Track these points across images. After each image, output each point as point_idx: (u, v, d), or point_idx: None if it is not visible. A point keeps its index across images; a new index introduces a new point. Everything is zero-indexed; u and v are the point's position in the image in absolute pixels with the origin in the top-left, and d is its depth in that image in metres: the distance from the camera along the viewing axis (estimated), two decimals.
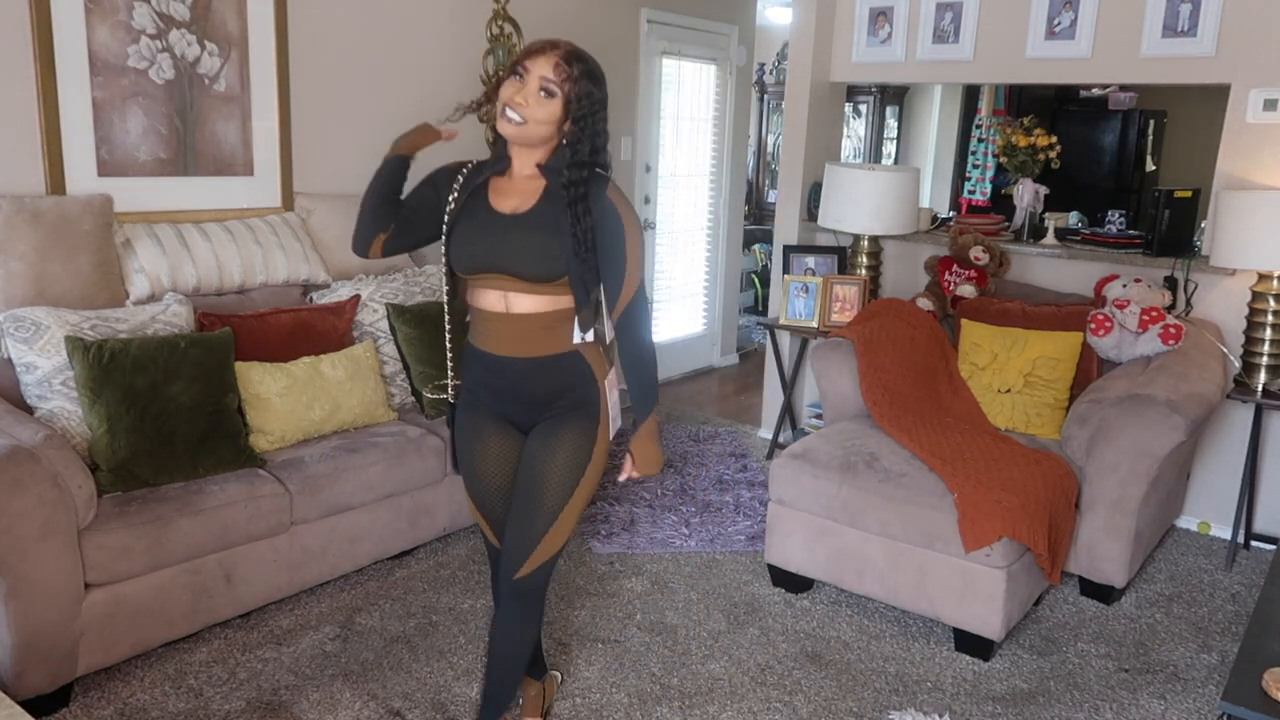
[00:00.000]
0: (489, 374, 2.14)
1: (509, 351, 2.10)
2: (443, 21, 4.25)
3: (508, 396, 2.15)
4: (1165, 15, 3.74)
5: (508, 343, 2.09)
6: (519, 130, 1.99)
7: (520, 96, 1.96)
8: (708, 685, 2.74)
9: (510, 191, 2.07)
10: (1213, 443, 3.83)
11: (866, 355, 3.60)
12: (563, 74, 1.96)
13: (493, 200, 2.07)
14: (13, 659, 2.34)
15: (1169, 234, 3.80)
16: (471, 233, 2.05)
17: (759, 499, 4.03)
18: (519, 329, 2.07)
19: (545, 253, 2.01)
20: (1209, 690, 2.79)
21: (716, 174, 6.06)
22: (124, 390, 2.70)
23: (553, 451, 2.11)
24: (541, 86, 1.96)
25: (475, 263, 2.05)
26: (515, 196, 2.06)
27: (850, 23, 4.57)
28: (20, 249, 2.85)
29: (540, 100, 1.97)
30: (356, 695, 2.61)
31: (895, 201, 4.06)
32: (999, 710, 2.67)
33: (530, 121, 1.97)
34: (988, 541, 2.78)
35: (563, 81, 1.96)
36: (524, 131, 1.99)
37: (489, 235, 2.03)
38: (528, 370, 2.10)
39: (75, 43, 3.08)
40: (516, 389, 2.13)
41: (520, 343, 2.09)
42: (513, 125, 1.98)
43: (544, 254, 2.01)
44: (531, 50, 2.00)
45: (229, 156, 3.55)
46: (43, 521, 2.33)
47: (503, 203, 2.06)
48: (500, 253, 2.02)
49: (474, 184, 2.08)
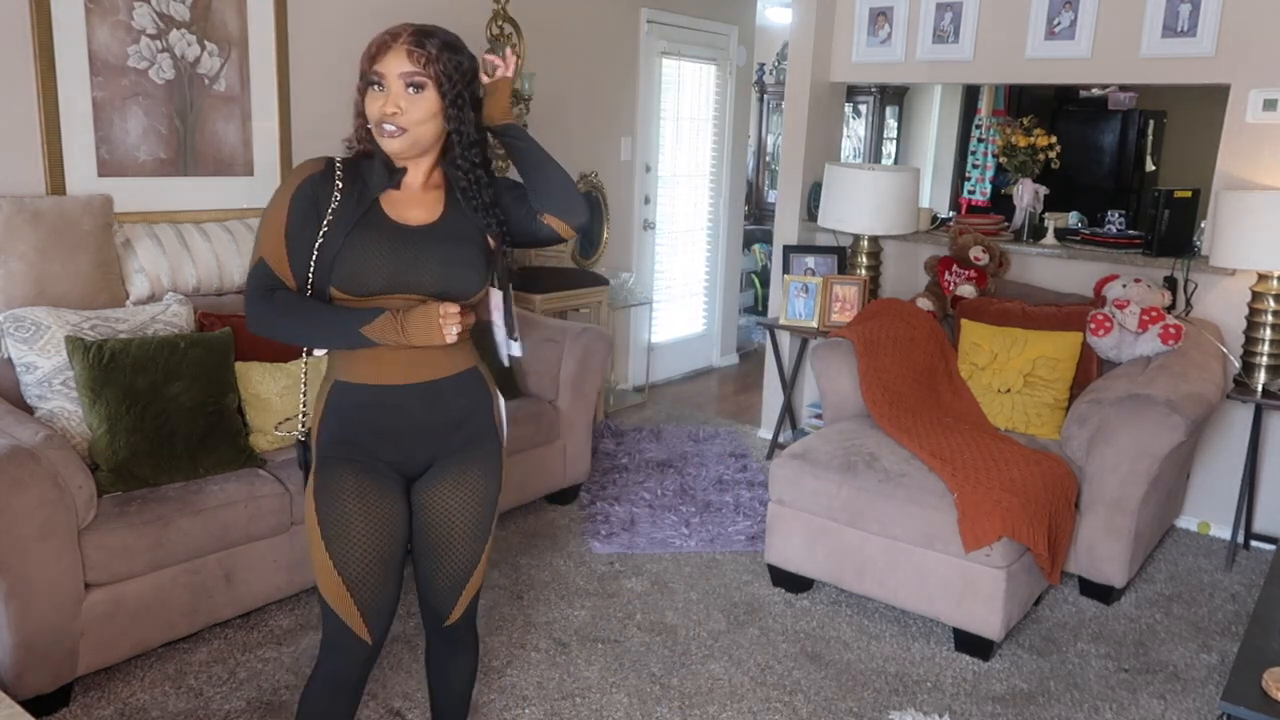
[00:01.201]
0: (377, 412, 1.83)
1: (406, 378, 1.82)
2: (443, 22, 4.24)
3: (400, 437, 1.85)
4: (1165, 15, 3.74)
5: (405, 367, 1.82)
6: (405, 142, 1.76)
7: (390, 106, 1.74)
8: (708, 685, 2.74)
9: (410, 203, 1.85)
10: (1213, 443, 3.83)
11: (866, 355, 3.60)
12: (421, 59, 1.75)
13: (390, 213, 1.82)
14: (13, 659, 2.34)
15: (1169, 234, 3.80)
16: (374, 249, 1.77)
17: (759, 499, 4.03)
18: (422, 350, 1.82)
19: (466, 265, 1.83)
20: (1209, 690, 2.79)
21: (716, 174, 6.06)
22: (124, 390, 2.70)
23: (466, 498, 1.90)
24: (407, 84, 1.75)
25: (381, 283, 1.77)
26: (417, 208, 1.85)
27: (850, 23, 4.57)
28: (20, 249, 2.85)
29: (412, 98, 1.75)
30: None
31: (895, 201, 4.06)
32: (999, 710, 2.67)
33: (412, 127, 1.76)
34: (988, 541, 2.78)
35: (425, 66, 1.75)
36: (410, 140, 1.77)
37: (398, 251, 1.78)
38: (427, 396, 1.85)
39: (75, 43, 3.08)
40: (413, 424, 1.85)
41: (420, 365, 1.83)
42: (396, 139, 1.76)
43: (464, 266, 1.83)
44: (375, 52, 1.77)
45: (229, 156, 3.55)
46: (43, 521, 2.33)
47: (405, 215, 1.83)
48: (412, 270, 1.79)
49: (367, 201, 1.81)
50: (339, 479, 1.82)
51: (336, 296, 1.79)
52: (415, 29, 1.80)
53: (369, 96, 1.78)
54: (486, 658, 2.81)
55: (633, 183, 5.49)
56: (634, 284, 5.38)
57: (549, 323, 3.94)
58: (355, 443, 1.84)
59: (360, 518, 1.81)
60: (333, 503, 1.81)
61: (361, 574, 1.81)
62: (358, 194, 1.81)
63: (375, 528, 1.82)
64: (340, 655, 1.85)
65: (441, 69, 1.77)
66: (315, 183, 1.81)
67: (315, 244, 1.78)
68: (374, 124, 1.77)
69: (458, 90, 1.79)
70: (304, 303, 1.79)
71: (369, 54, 1.79)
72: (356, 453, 1.84)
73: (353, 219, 1.79)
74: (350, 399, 1.84)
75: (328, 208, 1.79)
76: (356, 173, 1.84)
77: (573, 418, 3.83)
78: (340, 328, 1.78)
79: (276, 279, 1.80)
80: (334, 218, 1.78)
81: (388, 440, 1.85)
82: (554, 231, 1.94)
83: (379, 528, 1.82)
